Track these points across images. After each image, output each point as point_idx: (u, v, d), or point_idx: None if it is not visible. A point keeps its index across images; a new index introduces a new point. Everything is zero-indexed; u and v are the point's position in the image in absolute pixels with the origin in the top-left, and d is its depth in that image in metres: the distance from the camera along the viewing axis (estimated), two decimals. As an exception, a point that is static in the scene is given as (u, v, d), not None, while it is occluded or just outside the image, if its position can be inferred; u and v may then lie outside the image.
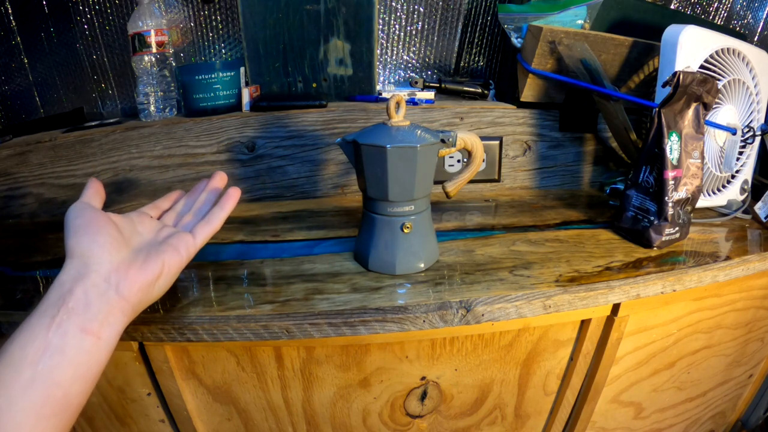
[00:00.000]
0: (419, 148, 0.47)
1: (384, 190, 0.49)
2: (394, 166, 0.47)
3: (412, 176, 0.48)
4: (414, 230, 0.51)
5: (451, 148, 0.53)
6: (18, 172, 0.73)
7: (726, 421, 0.88)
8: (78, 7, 0.83)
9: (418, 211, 0.51)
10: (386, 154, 0.47)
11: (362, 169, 0.50)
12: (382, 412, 0.58)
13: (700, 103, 0.60)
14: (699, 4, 0.96)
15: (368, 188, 0.50)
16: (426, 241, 0.53)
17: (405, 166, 0.47)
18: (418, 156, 0.47)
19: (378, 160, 0.47)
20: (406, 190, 0.49)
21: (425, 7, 0.91)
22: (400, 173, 0.48)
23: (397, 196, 0.49)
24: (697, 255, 0.59)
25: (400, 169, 0.47)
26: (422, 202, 0.51)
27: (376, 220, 0.52)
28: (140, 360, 0.52)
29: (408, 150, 0.47)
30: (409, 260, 0.52)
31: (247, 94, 0.80)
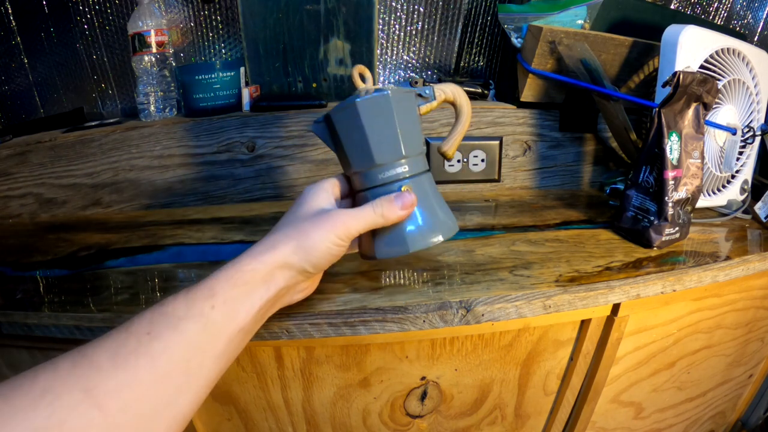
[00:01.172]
0: (390, 94, 0.43)
1: (368, 152, 0.44)
2: (370, 122, 0.43)
3: (393, 128, 0.43)
4: (416, 194, 0.44)
5: (431, 103, 0.48)
6: (18, 172, 0.73)
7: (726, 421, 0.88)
8: (78, 7, 0.83)
9: (415, 172, 0.45)
10: (357, 109, 0.43)
11: (341, 142, 0.45)
12: (382, 412, 0.58)
13: (700, 103, 0.60)
14: (699, 4, 0.96)
15: (353, 161, 0.45)
16: (434, 206, 0.46)
17: (382, 118, 0.43)
18: (393, 103, 0.43)
19: (352, 121, 0.44)
20: (391, 146, 0.44)
21: (425, 7, 0.91)
22: (379, 127, 0.43)
23: (385, 155, 0.44)
24: (697, 255, 0.59)
25: (378, 123, 0.43)
26: (416, 162, 0.45)
27: (368, 197, 0.45)
28: (140, 360, 0.52)
29: (379, 99, 0.43)
30: (420, 233, 0.45)
31: (247, 94, 0.80)
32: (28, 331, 0.47)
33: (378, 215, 0.41)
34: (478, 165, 0.82)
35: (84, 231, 0.70)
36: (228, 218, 0.73)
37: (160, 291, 0.51)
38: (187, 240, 0.65)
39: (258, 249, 0.38)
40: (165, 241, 0.64)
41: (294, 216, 0.41)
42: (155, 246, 0.63)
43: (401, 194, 0.42)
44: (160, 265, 0.57)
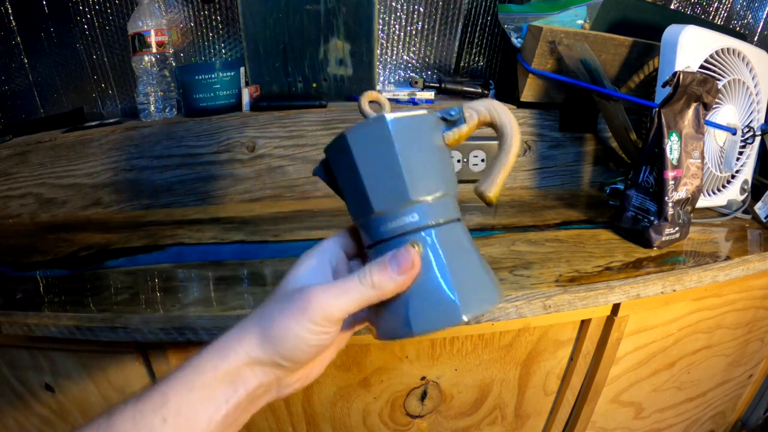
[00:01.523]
0: (389, 119, 0.31)
1: (363, 195, 0.32)
2: (364, 156, 0.32)
3: (394, 163, 0.31)
4: (431, 253, 0.31)
5: (461, 127, 0.34)
6: (18, 172, 0.73)
7: (726, 421, 0.88)
8: (78, 7, 0.83)
9: (431, 222, 0.31)
10: (347, 142, 0.32)
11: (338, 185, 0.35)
12: (382, 412, 0.58)
13: (700, 103, 0.60)
14: (699, 4, 0.96)
15: (350, 208, 0.34)
16: (460, 270, 0.31)
17: (380, 151, 0.31)
18: (393, 132, 0.31)
19: (343, 157, 0.33)
20: (393, 187, 0.31)
21: (425, 7, 0.91)
22: (377, 163, 0.32)
23: (384, 199, 0.32)
24: (697, 255, 0.59)
25: (375, 158, 0.32)
26: (435, 207, 0.32)
27: (372, 256, 0.33)
28: (140, 360, 0.52)
29: (373, 127, 0.31)
30: (432, 308, 0.31)
31: (247, 94, 0.80)
32: (28, 331, 0.47)
33: (367, 287, 0.30)
34: (478, 165, 0.82)
35: (84, 231, 0.69)
36: (228, 218, 0.73)
37: (160, 291, 0.51)
38: (187, 240, 0.65)
39: (222, 340, 0.30)
40: (165, 241, 0.64)
41: (269, 296, 0.32)
42: (155, 246, 0.63)
43: (398, 254, 0.30)
44: (160, 265, 0.57)
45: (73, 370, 0.53)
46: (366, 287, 0.30)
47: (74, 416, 0.57)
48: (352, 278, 0.30)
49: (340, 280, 0.30)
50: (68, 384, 0.54)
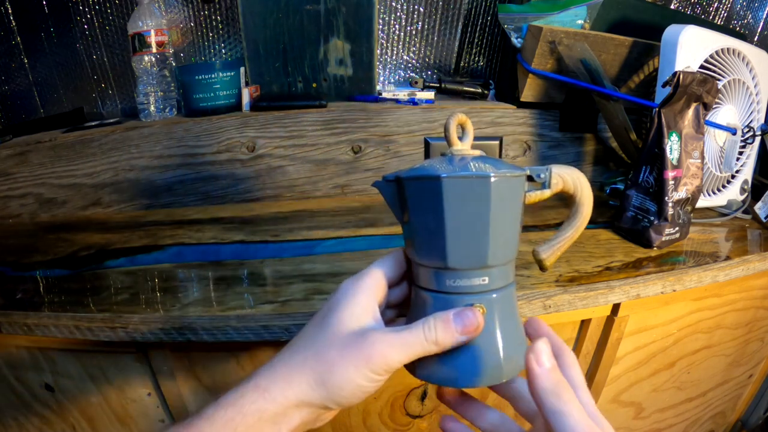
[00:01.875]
0: (493, 180, 0.30)
1: (441, 249, 0.31)
2: (454, 209, 0.30)
3: (484, 226, 0.30)
4: (490, 318, 0.31)
5: (544, 191, 0.34)
6: (18, 172, 0.73)
7: (726, 421, 0.88)
8: (78, 7, 0.83)
9: (497, 287, 0.32)
10: (441, 188, 0.30)
11: (410, 219, 0.33)
12: (382, 412, 0.58)
13: (700, 103, 0.60)
14: (699, 4, 0.96)
15: (418, 250, 0.32)
16: (507, 334, 0.32)
17: (472, 208, 0.30)
18: (492, 192, 0.30)
19: (430, 200, 0.31)
20: (475, 250, 0.31)
21: (425, 7, 0.91)
22: (465, 220, 0.30)
23: (462, 259, 0.31)
24: (697, 255, 0.59)
25: (465, 214, 0.30)
26: (502, 272, 0.32)
27: (428, 301, 0.32)
28: (140, 360, 0.52)
29: (475, 182, 0.30)
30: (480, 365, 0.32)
31: (247, 94, 0.80)
32: (28, 331, 0.47)
33: (430, 343, 0.30)
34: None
35: (84, 231, 0.69)
36: (228, 218, 0.73)
37: (160, 291, 0.51)
38: (187, 240, 0.65)
39: (267, 379, 0.29)
40: (165, 241, 0.64)
41: (320, 333, 0.31)
42: (155, 246, 0.63)
43: (463, 313, 0.30)
44: (160, 265, 0.57)
45: (73, 370, 0.53)
46: (429, 343, 0.30)
47: (74, 416, 0.57)
48: (416, 331, 0.30)
49: (403, 331, 0.30)
50: (68, 384, 0.54)
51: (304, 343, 0.31)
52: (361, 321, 0.31)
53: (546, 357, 0.29)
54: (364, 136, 0.79)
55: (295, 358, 0.30)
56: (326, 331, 0.31)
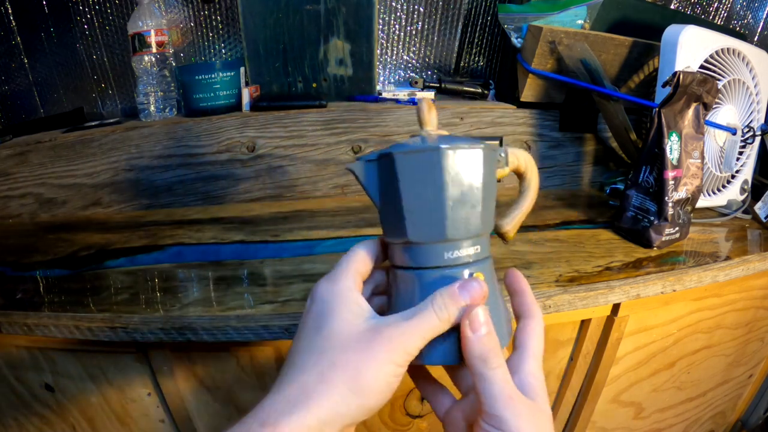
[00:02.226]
0: (484, 150, 0.31)
1: (439, 221, 0.31)
2: (453, 179, 0.31)
3: (478, 195, 0.31)
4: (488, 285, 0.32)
5: (504, 169, 0.36)
6: (18, 172, 0.73)
7: (726, 421, 0.88)
8: (78, 7, 0.83)
9: (487, 255, 0.34)
10: (441, 159, 0.30)
11: (396, 199, 0.32)
12: (382, 412, 0.58)
13: (700, 103, 0.60)
14: (699, 4, 0.96)
15: (410, 229, 0.31)
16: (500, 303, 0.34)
17: (468, 177, 0.31)
18: (484, 162, 0.31)
19: (426, 173, 0.31)
20: (470, 218, 0.31)
21: (425, 7, 0.91)
22: (462, 190, 0.31)
23: (459, 229, 0.31)
24: (697, 255, 0.59)
25: (461, 184, 0.31)
26: (487, 241, 0.34)
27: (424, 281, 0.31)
28: (140, 360, 0.52)
29: (471, 153, 0.31)
30: None
31: (247, 94, 0.80)
32: (28, 331, 0.47)
33: (444, 321, 0.29)
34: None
35: (84, 231, 0.70)
36: (228, 218, 0.73)
37: (160, 291, 0.51)
38: (187, 240, 0.65)
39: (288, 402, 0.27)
40: (165, 241, 0.64)
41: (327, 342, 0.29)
42: (155, 246, 0.63)
43: (468, 284, 0.30)
44: (160, 265, 0.57)
45: (73, 370, 0.53)
46: (442, 322, 0.29)
47: (74, 416, 0.57)
48: (427, 312, 0.29)
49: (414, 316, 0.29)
50: (68, 384, 0.54)
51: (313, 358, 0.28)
52: (365, 316, 0.30)
53: (480, 323, 0.29)
54: (364, 136, 0.79)
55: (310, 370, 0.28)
56: (334, 339, 0.29)
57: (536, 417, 0.29)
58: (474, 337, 0.29)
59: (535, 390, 0.30)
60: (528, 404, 0.29)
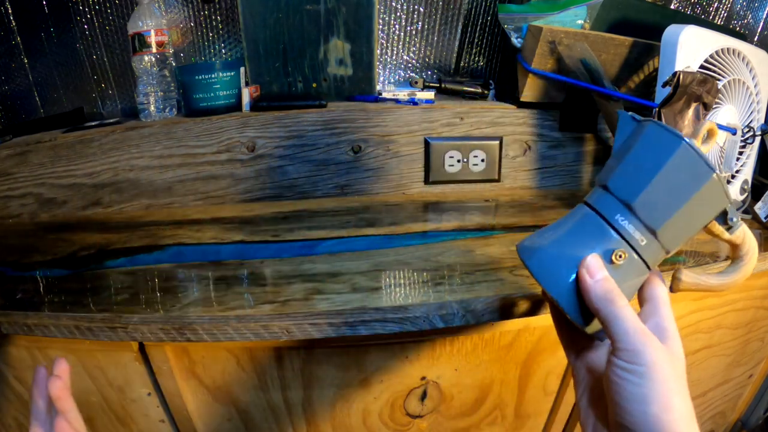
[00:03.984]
0: (714, 176, 0.33)
1: (661, 216, 0.34)
2: (671, 171, 0.33)
3: (682, 200, 0.33)
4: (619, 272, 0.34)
5: (725, 232, 0.36)
6: (18, 172, 0.73)
7: (726, 421, 0.88)
8: (78, 7, 0.83)
9: (643, 255, 0.35)
10: (679, 152, 0.33)
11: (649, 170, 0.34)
12: (382, 412, 0.58)
13: (700, 103, 0.60)
14: (699, 4, 0.96)
15: (614, 178, 0.35)
16: None
17: (685, 181, 0.33)
18: (707, 183, 0.33)
19: (660, 149, 0.34)
20: (659, 208, 0.34)
21: (425, 7, 0.91)
22: (672, 185, 0.33)
23: (645, 208, 0.34)
24: (697, 255, 0.59)
25: (675, 181, 0.33)
26: (656, 250, 0.35)
27: (587, 217, 0.36)
28: (140, 360, 0.52)
29: (703, 167, 0.33)
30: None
31: (247, 94, 0.80)
32: (28, 331, 0.47)
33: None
34: (478, 165, 0.82)
35: (84, 231, 0.70)
36: (228, 218, 0.73)
37: (160, 291, 0.51)
38: (187, 240, 0.65)
39: None
40: (165, 241, 0.64)
41: None
42: (155, 246, 0.63)
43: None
44: (160, 265, 0.57)
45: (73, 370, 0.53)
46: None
47: (74, 416, 0.57)
48: None
49: None
50: (68, 384, 0.54)
51: None
52: None
53: (596, 269, 0.33)
54: (364, 136, 0.79)
55: None
56: None
57: (670, 358, 0.31)
58: (593, 281, 0.32)
59: (669, 334, 0.33)
60: (662, 345, 0.31)
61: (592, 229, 0.35)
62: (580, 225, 0.36)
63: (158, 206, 0.78)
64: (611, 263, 0.34)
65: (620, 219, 0.34)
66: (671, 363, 0.31)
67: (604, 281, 0.33)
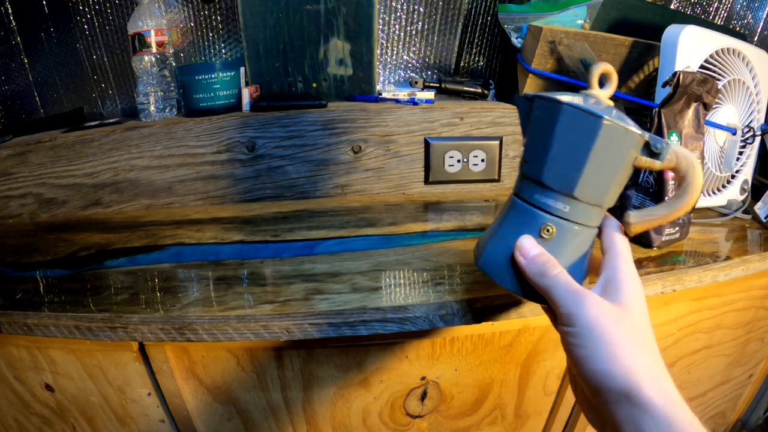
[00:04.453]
0: (606, 123, 0.34)
1: (541, 165, 0.36)
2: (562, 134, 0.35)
3: (582, 158, 0.35)
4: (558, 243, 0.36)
5: (654, 161, 0.36)
6: (18, 172, 0.73)
7: (726, 421, 0.88)
8: (78, 7, 0.83)
9: (574, 220, 0.36)
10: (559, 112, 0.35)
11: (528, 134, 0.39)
12: (382, 412, 0.58)
13: (700, 103, 0.60)
14: (699, 4, 0.96)
15: (523, 156, 0.39)
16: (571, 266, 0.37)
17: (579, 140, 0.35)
18: (601, 133, 0.34)
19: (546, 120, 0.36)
20: (566, 176, 0.35)
21: (425, 7, 0.91)
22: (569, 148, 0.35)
23: (553, 180, 0.36)
24: (697, 255, 0.59)
25: (571, 142, 0.35)
26: (585, 211, 0.36)
27: (514, 205, 0.39)
28: (140, 360, 0.52)
29: (589, 118, 0.34)
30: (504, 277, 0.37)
31: (247, 94, 0.80)
32: (28, 331, 0.47)
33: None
34: (478, 165, 0.82)
35: (84, 231, 0.70)
36: (228, 218, 0.73)
37: (160, 291, 0.51)
38: (187, 240, 0.65)
39: None
40: (165, 241, 0.64)
41: None
42: (155, 246, 0.63)
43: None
44: (160, 265, 0.57)
45: (73, 370, 0.53)
46: None
47: (74, 416, 0.57)
48: None
49: None
50: (68, 384, 0.54)
51: None
52: None
53: (528, 248, 0.35)
54: (364, 136, 0.79)
55: None
56: None
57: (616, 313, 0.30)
58: (526, 261, 0.35)
59: (620, 286, 0.32)
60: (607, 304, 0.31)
61: (520, 215, 0.38)
62: (510, 215, 0.39)
63: (158, 206, 0.78)
64: (542, 238, 0.36)
65: (538, 197, 0.37)
66: (616, 317, 0.30)
67: (537, 257, 0.34)
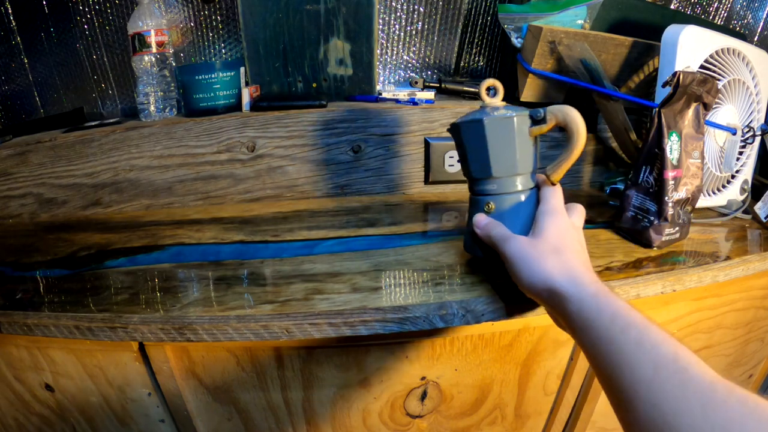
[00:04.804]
0: (486, 120, 0.47)
1: (467, 165, 0.51)
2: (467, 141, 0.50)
3: (485, 150, 0.48)
4: (497, 211, 0.49)
5: (542, 126, 0.47)
6: (18, 172, 0.73)
7: (726, 421, 0.87)
8: (78, 7, 0.83)
9: (503, 191, 0.49)
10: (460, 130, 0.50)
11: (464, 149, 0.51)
12: (382, 412, 0.58)
13: (700, 103, 0.60)
14: (699, 4, 0.96)
15: (462, 165, 0.53)
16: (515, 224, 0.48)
17: (475, 140, 0.48)
18: (487, 128, 0.47)
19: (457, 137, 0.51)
20: (483, 165, 0.49)
21: (425, 7, 0.91)
22: (476, 147, 0.49)
23: (478, 174, 0.50)
24: (697, 255, 0.59)
25: (475, 143, 0.49)
26: (508, 183, 0.49)
27: (470, 200, 0.53)
28: (140, 360, 0.52)
29: (472, 123, 0.48)
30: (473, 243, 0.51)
31: (247, 94, 0.80)
32: (28, 331, 0.47)
33: None
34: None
35: (84, 231, 0.70)
36: (228, 218, 0.73)
37: (160, 291, 0.51)
38: (187, 240, 0.65)
39: None
40: (165, 241, 0.64)
41: None
42: (155, 246, 0.63)
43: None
44: (160, 265, 0.57)
45: (73, 370, 0.53)
46: None
47: (74, 416, 0.57)
48: None
49: None
50: (68, 384, 0.54)
51: None
52: None
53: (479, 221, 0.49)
54: (364, 136, 0.79)
55: None
56: None
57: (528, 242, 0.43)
58: (479, 229, 0.48)
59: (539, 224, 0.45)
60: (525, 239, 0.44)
61: (473, 205, 0.51)
62: (470, 208, 0.52)
63: (158, 206, 0.78)
64: (487, 212, 0.49)
65: (477, 188, 0.51)
66: (533, 245, 0.42)
67: (486, 226, 0.48)
